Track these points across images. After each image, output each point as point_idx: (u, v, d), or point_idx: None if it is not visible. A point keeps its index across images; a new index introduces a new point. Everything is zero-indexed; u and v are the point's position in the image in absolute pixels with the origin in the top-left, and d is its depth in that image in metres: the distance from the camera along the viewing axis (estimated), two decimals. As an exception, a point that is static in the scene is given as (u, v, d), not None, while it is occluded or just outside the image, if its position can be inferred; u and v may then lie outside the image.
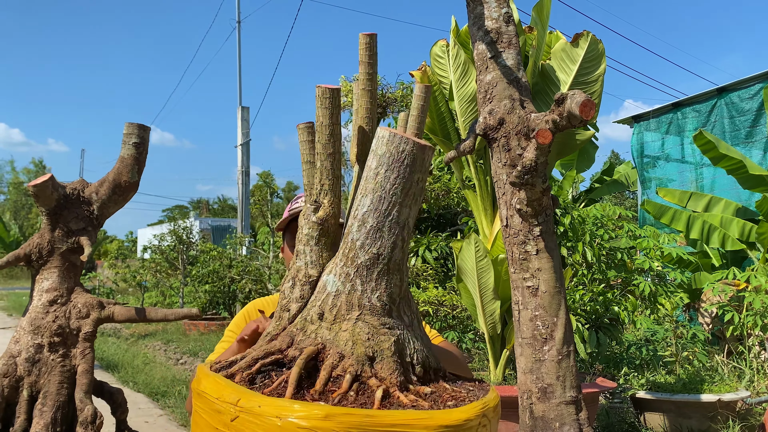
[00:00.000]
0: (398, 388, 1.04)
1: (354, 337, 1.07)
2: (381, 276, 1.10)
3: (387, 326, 1.09)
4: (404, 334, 1.10)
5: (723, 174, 7.45)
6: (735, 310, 4.93)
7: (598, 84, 3.45)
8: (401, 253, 1.11)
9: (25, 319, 1.45)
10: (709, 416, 3.85)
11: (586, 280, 4.58)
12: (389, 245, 1.10)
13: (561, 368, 1.61)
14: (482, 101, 1.67)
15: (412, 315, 1.14)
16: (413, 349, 1.10)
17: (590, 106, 1.33)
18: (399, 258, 1.11)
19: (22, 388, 1.41)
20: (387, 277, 1.10)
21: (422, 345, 1.13)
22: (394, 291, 1.11)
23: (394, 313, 1.11)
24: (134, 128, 1.53)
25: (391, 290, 1.10)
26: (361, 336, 1.07)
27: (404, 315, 1.12)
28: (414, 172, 1.08)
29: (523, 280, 1.65)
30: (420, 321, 1.19)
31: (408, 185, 1.08)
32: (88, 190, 1.53)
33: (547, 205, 1.60)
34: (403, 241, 1.10)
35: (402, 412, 0.96)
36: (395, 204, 1.08)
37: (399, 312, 1.12)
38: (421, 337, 1.15)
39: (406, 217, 1.10)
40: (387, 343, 1.06)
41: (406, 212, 1.09)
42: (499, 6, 1.65)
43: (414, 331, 1.13)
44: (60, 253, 1.47)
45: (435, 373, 1.14)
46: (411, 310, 1.14)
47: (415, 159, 1.08)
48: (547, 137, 1.43)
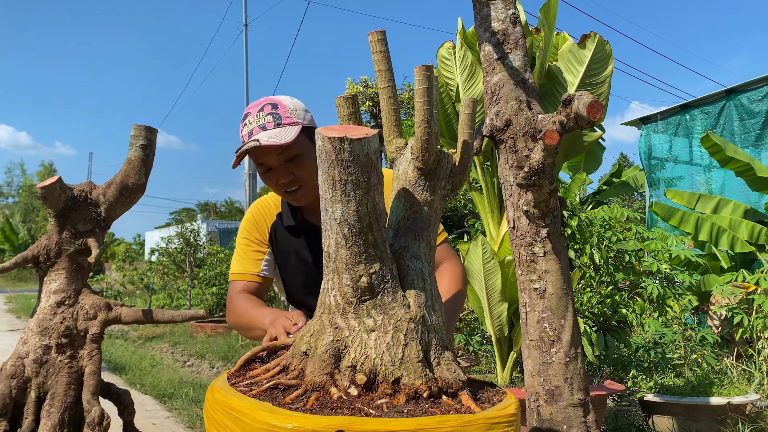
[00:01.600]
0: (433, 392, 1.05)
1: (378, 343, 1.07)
2: (333, 273, 1.11)
3: (335, 326, 1.09)
4: (358, 337, 1.09)
5: (732, 176, 7.41)
6: (744, 312, 4.90)
7: (605, 85, 3.44)
8: (347, 251, 1.10)
9: (32, 320, 1.46)
10: (719, 419, 3.82)
11: (594, 283, 4.56)
12: (333, 243, 1.10)
13: (569, 370, 1.60)
14: (489, 103, 1.67)
15: (385, 317, 1.11)
16: (358, 354, 1.08)
17: (598, 108, 1.33)
18: (345, 257, 1.10)
19: (29, 389, 1.42)
20: (336, 275, 1.10)
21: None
22: (347, 291, 1.10)
23: (352, 313, 1.10)
24: (142, 130, 1.54)
25: (344, 290, 1.10)
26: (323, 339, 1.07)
27: (369, 317, 1.10)
28: (332, 166, 1.06)
29: (531, 281, 1.65)
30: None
31: (331, 181, 1.06)
32: (95, 192, 1.53)
33: (554, 207, 1.59)
34: (345, 238, 1.09)
35: (457, 416, 0.97)
36: (327, 201, 1.09)
37: (360, 313, 1.10)
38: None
39: (341, 213, 1.08)
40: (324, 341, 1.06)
41: (339, 208, 1.08)
42: (506, 7, 1.65)
43: (386, 333, 1.11)
44: (68, 255, 1.48)
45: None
46: (385, 313, 1.11)
47: (328, 153, 1.06)
48: (554, 138, 1.42)
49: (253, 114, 1.83)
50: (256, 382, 1.08)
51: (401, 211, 1.21)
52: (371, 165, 1.07)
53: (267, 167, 1.84)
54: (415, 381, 1.04)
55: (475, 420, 0.97)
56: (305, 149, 1.82)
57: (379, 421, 0.93)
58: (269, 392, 1.03)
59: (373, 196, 1.08)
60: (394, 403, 1.00)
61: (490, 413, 1.01)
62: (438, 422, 0.94)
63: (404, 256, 1.18)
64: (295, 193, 1.86)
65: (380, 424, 0.92)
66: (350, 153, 1.05)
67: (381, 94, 1.26)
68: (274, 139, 1.75)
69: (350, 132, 1.07)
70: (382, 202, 1.12)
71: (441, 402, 1.03)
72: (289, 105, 1.84)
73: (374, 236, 1.10)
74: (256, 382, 1.08)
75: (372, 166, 1.07)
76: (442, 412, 0.99)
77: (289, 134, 1.76)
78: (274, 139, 1.75)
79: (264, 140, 1.75)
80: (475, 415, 0.99)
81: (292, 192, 1.86)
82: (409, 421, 0.93)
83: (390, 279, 1.11)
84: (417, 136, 1.19)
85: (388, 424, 0.92)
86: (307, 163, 1.83)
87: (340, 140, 1.04)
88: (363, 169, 1.06)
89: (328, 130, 1.08)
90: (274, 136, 1.76)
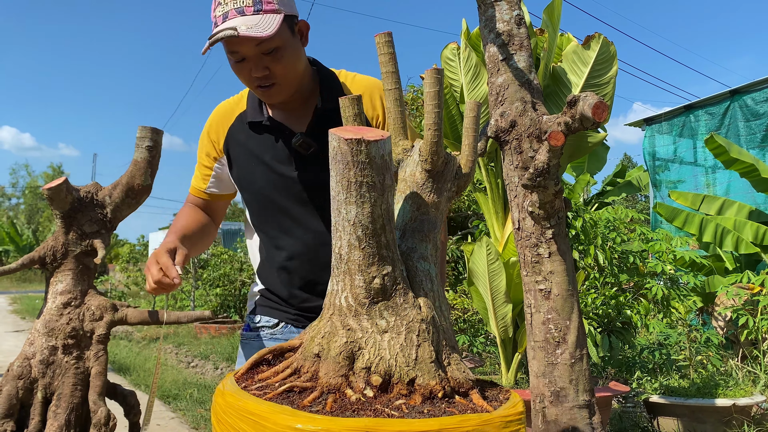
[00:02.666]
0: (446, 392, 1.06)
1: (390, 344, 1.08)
2: (344, 275, 1.11)
3: (348, 328, 1.09)
4: (374, 338, 1.09)
5: (738, 177, 7.40)
6: (749, 313, 4.89)
7: (610, 86, 3.44)
8: (360, 253, 1.10)
9: (39, 321, 1.46)
10: (724, 421, 3.81)
11: (598, 284, 4.55)
12: (345, 245, 1.10)
13: (574, 372, 1.60)
14: (493, 103, 1.67)
15: (397, 318, 1.11)
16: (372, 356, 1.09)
17: (603, 108, 1.32)
18: (358, 258, 1.10)
19: (36, 390, 1.42)
20: (348, 276, 1.10)
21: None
22: (360, 293, 1.10)
23: (364, 315, 1.10)
24: (147, 131, 1.54)
25: (356, 291, 1.10)
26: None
27: (382, 318, 1.10)
28: (348, 168, 1.05)
29: (536, 283, 1.65)
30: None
31: (346, 182, 1.06)
32: (101, 193, 1.54)
33: (559, 208, 1.59)
34: (358, 240, 1.09)
35: (477, 416, 0.98)
36: (340, 202, 1.08)
37: (372, 314, 1.10)
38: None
39: (355, 215, 1.08)
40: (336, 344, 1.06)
41: (353, 210, 1.08)
42: (511, 8, 1.65)
43: (393, 334, 1.11)
44: (74, 256, 1.48)
45: None
46: (398, 314, 1.11)
47: (344, 155, 1.05)
48: (559, 139, 1.42)
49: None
50: (268, 385, 1.08)
51: (408, 213, 1.22)
52: (386, 167, 1.07)
53: (240, 57, 1.63)
54: (429, 381, 1.04)
55: (492, 419, 0.98)
56: (285, 41, 1.62)
57: (404, 422, 0.93)
58: (284, 395, 1.03)
59: (387, 198, 1.09)
60: (411, 404, 1.00)
61: (504, 411, 1.01)
62: (460, 422, 0.94)
63: (412, 257, 1.18)
64: (269, 88, 1.67)
65: (405, 425, 0.92)
66: (366, 155, 1.04)
67: (387, 96, 1.27)
68: (253, 30, 1.53)
69: (366, 134, 1.06)
70: (393, 204, 1.12)
71: (455, 402, 1.04)
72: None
73: (387, 238, 1.10)
74: (268, 385, 1.08)
75: (387, 168, 1.07)
76: (460, 412, 0.99)
77: (270, 25, 1.55)
78: (253, 29, 1.53)
79: (243, 30, 1.53)
80: (492, 414, 0.99)
81: (266, 87, 1.67)
82: (432, 422, 0.93)
83: (401, 280, 1.12)
84: (426, 138, 1.19)
85: (412, 424, 0.92)
86: (286, 57, 1.63)
87: (357, 142, 1.03)
88: (378, 171, 1.06)
89: (342, 131, 1.07)
90: (254, 25, 1.54)
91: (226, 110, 1.85)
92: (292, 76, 1.67)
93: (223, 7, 1.59)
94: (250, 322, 1.91)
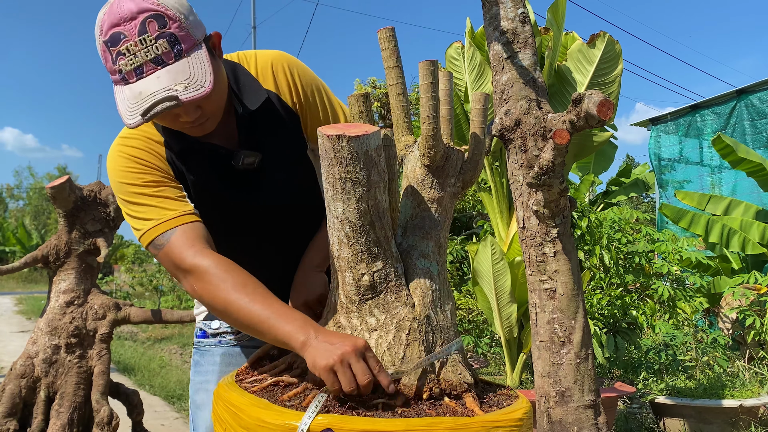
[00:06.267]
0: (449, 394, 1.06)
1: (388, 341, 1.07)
2: (336, 272, 1.11)
3: (338, 325, 1.09)
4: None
5: (744, 177, 7.36)
6: (756, 314, 4.86)
7: (615, 85, 3.42)
8: (349, 250, 1.09)
9: (42, 320, 1.46)
10: (731, 422, 3.79)
11: (604, 284, 4.53)
12: (335, 242, 1.11)
13: (579, 372, 1.59)
14: (498, 102, 1.66)
15: (387, 316, 1.11)
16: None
17: (608, 107, 1.31)
18: (347, 255, 1.10)
19: (39, 389, 1.42)
20: (340, 273, 1.10)
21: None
22: (350, 290, 1.09)
23: (354, 312, 1.10)
24: (150, 130, 1.54)
25: (347, 288, 1.09)
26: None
27: (371, 316, 1.09)
28: (332, 164, 1.06)
29: (541, 282, 1.64)
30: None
31: (331, 179, 1.07)
32: (104, 192, 1.54)
33: (564, 207, 1.58)
34: (347, 237, 1.09)
35: (452, 419, 0.97)
36: (329, 199, 1.09)
37: (362, 311, 1.09)
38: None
39: (342, 212, 1.08)
40: None
41: (340, 206, 1.08)
42: (515, 6, 1.64)
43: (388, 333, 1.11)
44: (77, 255, 1.48)
45: None
46: (388, 312, 1.10)
47: (327, 151, 1.06)
48: (564, 138, 1.41)
49: (131, 36, 1.23)
50: (261, 379, 1.10)
51: (409, 210, 1.21)
52: (371, 162, 1.06)
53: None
54: (415, 382, 1.03)
55: (471, 423, 0.97)
56: (215, 75, 1.32)
57: (368, 420, 0.93)
58: (270, 389, 1.04)
59: (375, 194, 1.08)
60: (390, 404, 1.00)
61: (490, 417, 1.00)
62: (430, 424, 0.93)
63: (412, 255, 1.17)
64: (201, 125, 1.37)
65: (369, 424, 0.92)
66: (348, 150, 1.04)
67: (390, 91, 1.26)
68: (191, 88, 1.23)
69: (349, 129, 1.06)
70: (385, 200, 1.11)
71: (441, 404, 1.03)
72: (175, 11, 1.26)
73: (377, 234, 1.09)
74: (261, 379, 1.10)
75: (372, 163, 1.07)
76: (439, 414, 0.98)
77: (203, 71, 1.25)
78: (191, 87, 1.23)
79: (183, 95, 1.23)
80: (472, 419, 0.98)
81: (199, 126, 1.37)
82: (398, 422, 0.93)
83: (394, 277, 1.11)
84: (423, 132, 1.18)
85: (377, 423, 0.92)
86: (216, 90, 1.32)
87: (338, 138, 1.04)
88: (363, 167, 1.05)
89: (328, 129, 1.08)
90: (187, 79, 1.24)
91: (147, 141, 1.46)
92: (222, 103, 1.40)
93: (132, 60, 1.24)
94: (206, 328, 1.66)
